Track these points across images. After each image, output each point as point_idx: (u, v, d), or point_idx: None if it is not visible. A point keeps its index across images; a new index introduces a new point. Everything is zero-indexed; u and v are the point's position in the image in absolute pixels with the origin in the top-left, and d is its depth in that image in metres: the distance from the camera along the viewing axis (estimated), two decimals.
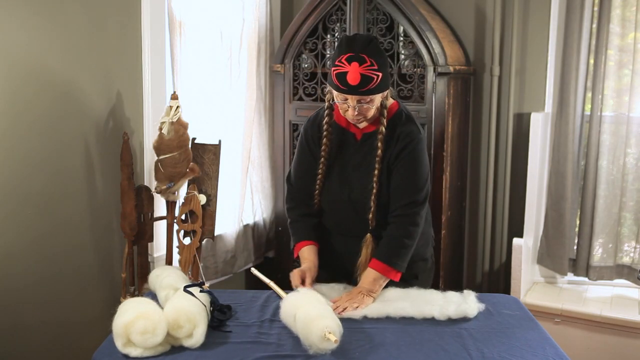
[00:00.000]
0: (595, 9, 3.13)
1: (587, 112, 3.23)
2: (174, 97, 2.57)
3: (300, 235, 2.25)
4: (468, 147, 3.52)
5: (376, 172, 2.10)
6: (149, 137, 2.76)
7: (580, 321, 3.04)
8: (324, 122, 2.17)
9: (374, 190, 2.10)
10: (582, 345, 3.04)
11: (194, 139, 2.70)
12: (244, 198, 3.44)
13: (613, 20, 3.10)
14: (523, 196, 3.32)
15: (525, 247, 3.18)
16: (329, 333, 1.68)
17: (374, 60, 1.97)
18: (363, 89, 1.98)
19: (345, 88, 1.99)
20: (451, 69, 3.08)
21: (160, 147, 2.53)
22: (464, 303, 2.02)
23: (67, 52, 2.41)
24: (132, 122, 2.73)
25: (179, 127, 2.53)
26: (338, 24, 3.31)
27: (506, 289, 3.42)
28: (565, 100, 3.20)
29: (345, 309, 1.99)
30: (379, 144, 2.08)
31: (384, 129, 2.08)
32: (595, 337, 3.02)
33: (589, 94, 3.21)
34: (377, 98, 2.04)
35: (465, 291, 2.11)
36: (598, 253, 3.29)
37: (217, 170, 2.71)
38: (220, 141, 2.73)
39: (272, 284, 2.18)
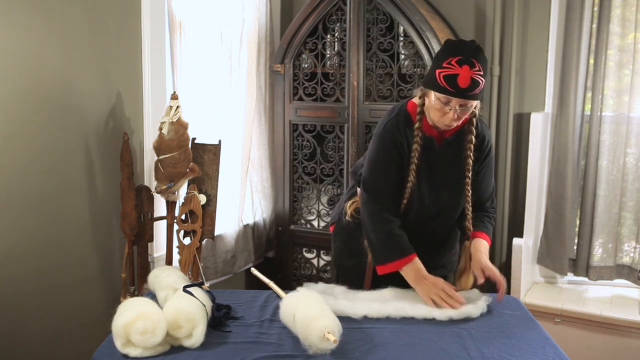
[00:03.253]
0: (595, 9, 3.13)
1: (587, 112, 3.23)
2: (174, 97, 2.57)
3: (405, 248, 2.13)
4: None
5: (467, 180, 2.15)
6: (149, 137, 2.77)
7: (580, 321, 3.04)
8: (416, 127, 2.12)
9: (468, 197, 2.17)
10: (582, 345, 3.04)
11: (194, 139, 2.70)
12: (244, 198, 3.44)
13: (613, 20, 3.10)
14: (523, 196, 3.32)
15: (525, 247, 3.18)
16: (328, 333, 1.68)
17: (482, 66, 1.98)
18: (471, 92, 1.97)
19: (454, 90, 1.96)
20: None
21: (160, 147, 2.53)
22: (467, 303, 2.01)
23: (67, 52, 2.41)
24: (132, 122, 2.73)
25: (179, 127, 2.53)
26: (338, 24, 3.31)
27: (506, 289, 3.41)
28: (565, 100, 3.20)
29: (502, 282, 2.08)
30: (469, 152, 2.12)
31: (473, 138, 2.12)
32: (595, 337, 3.02)
33: (589, 94, 3.21)
34: (477, 104, 2.06)
35: (474, 290, 2.11)
36: (598, 253, 3.29)
37: (217, 170, 2.71)
38: (220, 141, 2.73)
39: (272, 284, 2.18)
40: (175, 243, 2.70)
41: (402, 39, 3.23)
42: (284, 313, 1.89)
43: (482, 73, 1.96)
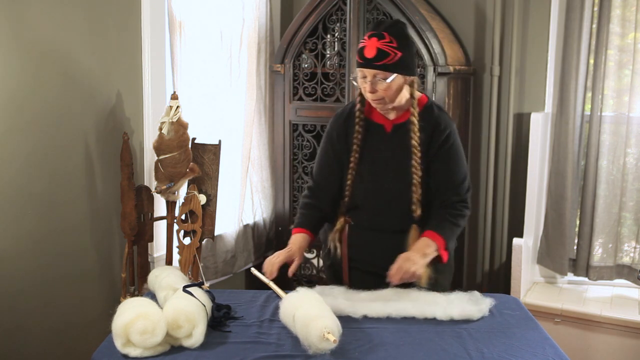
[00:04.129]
0: (595, 9, 3.13)
1: (587, 112, 3.23)
2: (174, 97, 2.57)
3: (299, 222, 2.27)
4: (468, 147, 3.52)
5: (413, 162, 2.11)
6: (149, 137, 2.77)
7: (580, 321, 3.04)
8: (356, 109, 2.18)
9: (414, 180, 2.12)
10: (582, 345, 3.04)
11: (194, 139, 2.70)
12: (244, 198, 3.44)
13: (613, 20, 3.10)
14: (523, 196, 3.32)
15: (525, 247, 3.18)
16: (328, 333, 1.68)
17: (394, 39, 2.00)
18: (378, 62, 2.00)
19: (362, 61, 2.02)
20: (451, 69, 3.08)
21: (160, 147, 2.53)
22: (468, 305, 2.00)
23: (67, 52, 2.41)
24: (132, 122, 2.73)
25: (179, 127, 2.53)
26: (338, 24, 3.31)
27: (506, 289, 3.41)
28: (565, 100, 3.20)
29: (412, 273, 2.00)
30: (413, 134, 2.10)
31: (414, 119, 2.10)
32: (595, 337, 3.02)
33: (589, 94, 3.21)
34: (397, 80, 2.04)
35: (475, 292, 2.09)
36: (598, 253, 3.29)
37: (217, 170, 2.71)
38: (220, 141, 2.73)
39: (271, 284, 2.18)
40: (175, 243, 2.70)
41: None
42: (283, 313, 1.89)
43: (393, 45, 1.99)
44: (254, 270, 2.32)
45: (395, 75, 2.03)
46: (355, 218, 2.25)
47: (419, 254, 2.05)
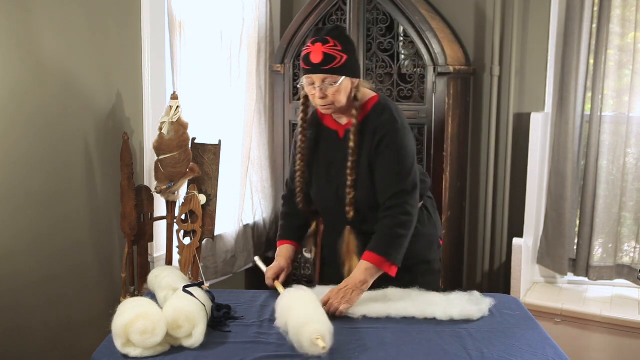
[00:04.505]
0: (595, 9, 3.13)
1: (587, 112, 3.23)
2: (174, 97, 2.57)
3: (280, 234, 2.33)
4: (468, 147, 3.52)
5: (349, 163, 2.09)
6: (149, 137, 2.76)
7: (580, 321, 3.04)
8: (299, 118, 2.20)
9: (348, 182, 2.10)
10: (582, 345, 3.04)
11: (194, 139, 2.70)
12: (244, 198, 3.43)
13: (613, 20, 3.10)
14: (523, 196, 3.32)
15: (525, 247, 3.18)
16: (317, 339, 1.66)
17: (338, 42, 2.01)
18: (325, 66, 2.00)
19: (309, 67, 2.03)
20: (451, 69, 3.08)
21: (160, 147, 2.53)
22: (468, 305, 1.99)
23: (67, 52, 2.41)
24: (132, 122, 2.73)
25: (179, 127, 2.53)
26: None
27: (506, 289, 3.41)
28: (565, 100, 3.20)
29: (337, 309, 1.95)
30: (352, 136, 2.09)
31: (354, 121, 2.08)
32: (595, 337, 3.02)
33: (589, 94, 3.21)
34: (345, 83, 2.04)
35: (475, 292, 2.09)
36: (598, 253, 3.29)
37: (217, 170, 2.71)
38: (220, 141, 2.73)
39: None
40: (175, 243, 2.70)
41: (402, 39, 3.23)
42: (279, 318, 1.87)
43: (338, 48, 2.00)
44: (257, 260, 2.34)
45: (343, 78, 2.03)
46: (324, 222, 2.30)
47: (356, 285, 1.99)
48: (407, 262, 2.18)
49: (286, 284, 2.15)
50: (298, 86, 2.18)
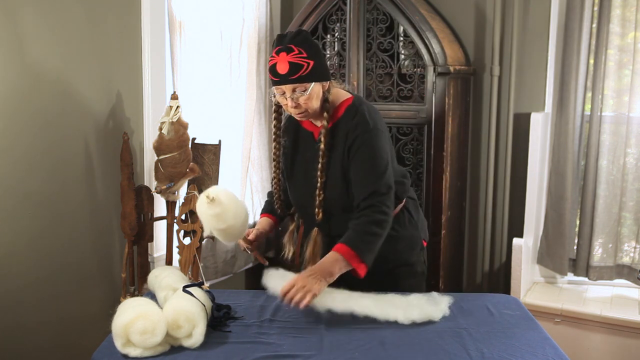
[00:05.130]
0: (595, 9, 3.13)
1: (587, 112, 3.23)
2: (174, 97, 2.57)
3: (263, 208, 2.41)
4: (468, 147, 3.52)
5: (319, 165, 2.08)
6: (149, 137, 2.76)
7: (580, 321, 3.04)
8: (273, 125, 2.23)
9: (318, 184, 2.09)
10: (582, 345, 3.04)
11: (194, 139, 2.70)
12: (244, 198, 3.44)
13: (613, 20, 3.10)
14: (523, 196, 3.32)
15: (525, 247, 3.18)
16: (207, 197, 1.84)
17: (302, 49, 1.99)
18: (293, 76, 1.99)
19: (277, 79, 2.01)
20: (451, 69, 3.08)
21: (160, 147, 2.53)
22: (427, 306, 1.97)
23: (67, 51, 2.41)
24: (132, 122, 2.73)
25: (179, 127, 2.53)
26: (338, 24, 3.31)
27: (506, 289, 3.42)
28: (565, 100, 3.20)
29: (297, 299, 1.87)
30: (322, 138, 2.08)
31: (325, 123, 2.08)
32: (595, 337, 3.02)
33: (589, 94, 3.21)
34: (315, 88, 2.03)
35: (433, 293, 2.06)
36: (598, 253, 3.29)
37: (217, 170, 2.71)
38: (220, 141, 2.73)
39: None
40: (175, 243, 2.70)
41: (402, 39, 3.23)
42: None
43: (304, 56, 1.98)
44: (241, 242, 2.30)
45: (313, 84, 2.02)
46: (302, 221, 2.31)
47: (322, 274, 1.93)
48: (388, 264, 2.18)
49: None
50: (271, 97, 2.16)
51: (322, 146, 2.08)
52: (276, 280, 2.01)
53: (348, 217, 2.08)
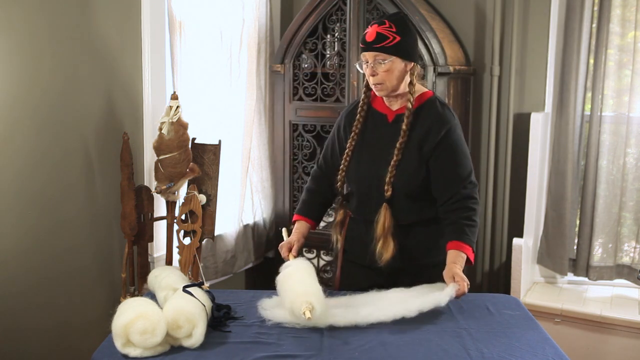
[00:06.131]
0: (595, 8, 3.13)
1: (587, 112, 3.23)
2: (174, 97, 2.57)
3: (299, 208, 2.39)
4: (468, 147, 3.51)
5: (398, 144, 2.13)
6: (149, 137, 2.76)
7: (580, 321, 3.04)
8: (361, 98, 2.25)
9: (393, 161, 2.13)
10: (582, 345, 3.04)
11: (194, 139, 2.70)
12: (244, 198, 3.44)
13: (613, 20, 3.10)
14: (523, 196, 3.32)
15: (525, 247, 3.18)
16: (305, 309, 1.79)
17: (394, 25, 2.08)
18: (377, 45, 2.07)
19: (364, 45, 2.10)
20: (451, 69, 3.08)
21: (160, 147, 2.53)
22: (432, 293, 1.98)
23: (67, 51, 2.41)
24: (132, 122, 2.73)
25: (179, 127, 2.53)
26: (338, 24, 3.31)
27: (506, 289, 3.41)
28: (565, 100, 3.20)
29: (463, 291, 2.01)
30: (405, 119, 2.13)
31: (410, 105, 2.13)
32: (595, 337, 3.02)
33: (589, 94, 3.21)
34: (396, 64, 2.09)
35: (438, 284, 2.07)
36: (598, 253, 3.29)
37: (217, 170, 2.71)
38: (220, 141, 2.73)
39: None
40: (175, 243, 2.70)
41: None
42: (278, 283, 1.99)
43: (393, 30, 2.07)
44: (284, 231, 2.39)
45: (393, 57, 2.08)
46: (352, 209, 2.31)
47: (458, 269, 2.06)
48: (427, 259, 2.22)
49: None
50: (356, 65, 2.26)
51: (404, 127, 2.13)
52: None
53: (409, 205, 2.17)
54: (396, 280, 2.15)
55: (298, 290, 1.89)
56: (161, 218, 2.73)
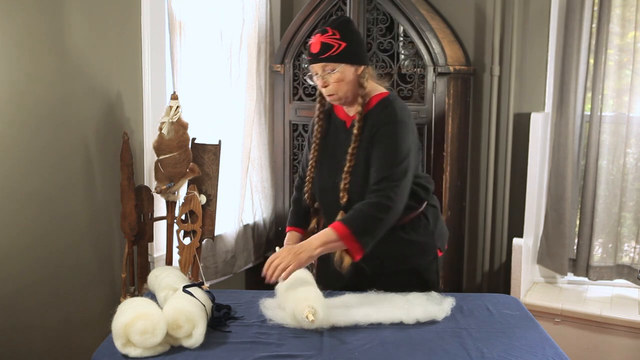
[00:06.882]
0: (595, 8, 3.13)
1: (587, 112, 3.23)
2: (174, 97, 2.57)
3: (289, 220, 2.39)
4: (468, 147, 3.52)
5: (350, 149, 2.10)
6: (149, 137, 2.77)
7: (580, 321, 3.04)
8: (316, 108, 2.24)
9: (346, 167, 2.10)
10: (582, 345, 3.04)
11: (194, 139, 2.70)
12: (244, 198, 3.44)
13: (613, 20, 3.10)
14: (523, 196, 3.32)
15: (525, 247, 3.18)
16: (309, 313, 1.79)
17: (337, 31, 2.05)
18: (323, 55, 2.05)
19: (310, 57, 2.08)
20: (451, 69, 3.08)
21: (160, 147, 2.53)
22: (430, 306, 1.97)
23: (67, 51, 2.41)
24: (132, 122, 2.73)
25: (179, 127, 2.53)
26: None
27: (506, 289, 3.42)
28: (565, 100, 3.20)
29: (281, 268, 1.89)
30: (356, 123, 2.10)
31: (360, 108, 2.09)
32: (595, 337, 3.02)
33: (589, 94, 3.21)
34: (346, 70, 2.06)
35: (433, 293, 2.06)
36: (598, 253, 3.29)
37: (217, 170, 2.71)
38: (220, 141, 2.73)
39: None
40: (175, 243, 2.70)
41: (402, 39, 3.23)
42: (278, 290, 2.01)
43: (337, 37, 2.04)
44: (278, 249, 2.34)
45: (342, 65, 2.05)
46: (323, 217, 2.30)
47: (303, 247, 1.93)
48: (395, 267, 2.19)
49: None
50: (305, 78, 2.20)
51: (355, 131, 2.10)
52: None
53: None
54: (366, 287, 2.12)
55: (299, 296, 1.88)
56: (161, 218, 2.73)
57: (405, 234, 2.18)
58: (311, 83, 2.16)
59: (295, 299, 1.89)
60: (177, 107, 2.52)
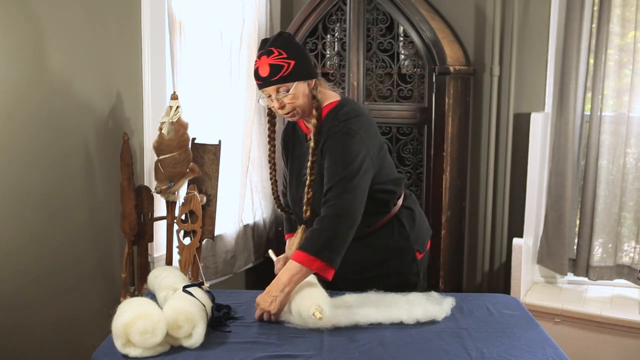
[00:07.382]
0: (595, 8, 3.13)
1: (587, 112, 3.23)
2: (174, 97, 2.56)
3: (285, 228, 2.43)
4: (468, 147, 3.52)
5: (309, 164, 2.08)
6: (149, 137, 2.77)
7: (580, 321, 3.04)
8: (267, 128, 2.27)
9: (307, 182, 2.09)
10: (582, 345, 3.04)
11: (194, 139, 2.70)
12: (244, 198, 3.44)
13: (613, 20, 3.10)
14: (523, 196, 3.32)
15: (525, 247, 3.18)
16: (315, 310, 1.81)
17: (282, 50, 2.02)
18: (274, 77, 2.02)
19: (261, 82, 2.05)
20: (451, 69, 3.08)
21: (160, 147, 2.53)
22: (430, 306, 1.97)
23: (67, 52, 2.41)
24: (132, 122, 2.73)
25: (179, 127, 2.52)
26: (338, 24, 3.31)
27: (506, 289, 3.42)
28: (565, 100, 3.20)
29: (269, 317, 1.92)
30: (312, 136, 2.08)
31: (314, 121, 2.08)
32: (595, 337, 3.02)
33: (589, 94, 3.21)
34: (299, 87, 2.05)
35: (433, 293, 2.06)
36: (598, 253, 3.29)
37: (217, 170, 2.71)
38: (220, 141, 2.73)
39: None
40: (175, 243, 2.70)
41: (402, 39, 3.22)
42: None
43: (283, 56, 2.01)
44: (271, 252, 2.39)
45: (295, 83, 2.03)
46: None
47: (275, 290, 1.91)
48: (373, 272, 2.20)
49: None
50: (258, 102, 2.19)
51: (312, 144, 2.08)
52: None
53: None
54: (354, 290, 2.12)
55: (304, 295, 1.90)
56: (161, 218, 2.73)
57: (378, 239, 2.18)
58: (263, 105, 2.12)
59: (300, 297, 1.90)
60: (177, 107, 2.52)
